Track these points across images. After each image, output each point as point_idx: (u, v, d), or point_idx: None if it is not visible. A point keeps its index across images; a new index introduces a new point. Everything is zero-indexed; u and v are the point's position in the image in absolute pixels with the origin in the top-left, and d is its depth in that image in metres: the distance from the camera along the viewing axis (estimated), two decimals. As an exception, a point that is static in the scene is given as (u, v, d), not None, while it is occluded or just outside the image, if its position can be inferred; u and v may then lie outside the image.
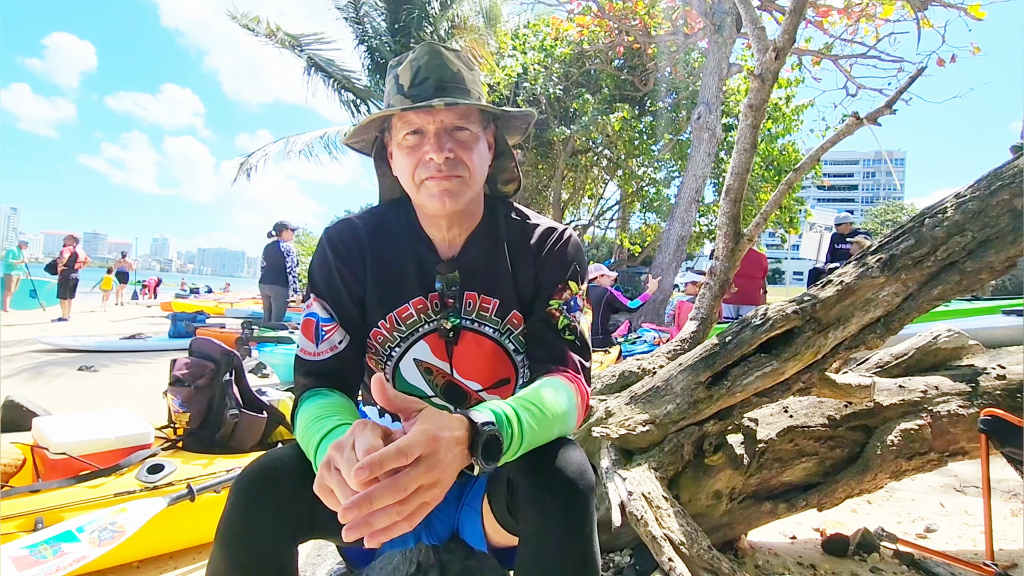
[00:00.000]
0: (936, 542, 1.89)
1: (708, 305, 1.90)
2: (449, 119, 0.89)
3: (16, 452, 1.81)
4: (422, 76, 0.90)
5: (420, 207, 0.96)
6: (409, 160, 0.90)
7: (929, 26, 6.72)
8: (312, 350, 0.92)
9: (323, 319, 0.93)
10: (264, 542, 0.78)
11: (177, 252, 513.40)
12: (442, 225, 0.97)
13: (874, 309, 1.37)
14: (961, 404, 1.64)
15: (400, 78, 0.92)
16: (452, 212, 0.92)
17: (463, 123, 0.90)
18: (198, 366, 2.07)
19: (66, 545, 1.31)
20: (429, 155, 0.87)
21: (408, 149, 0.90)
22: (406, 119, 0.89)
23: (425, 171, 0.89)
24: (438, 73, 0.90)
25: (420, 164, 0.89)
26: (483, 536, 0.97)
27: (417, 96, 0.89)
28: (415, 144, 0.89)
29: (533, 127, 1.01)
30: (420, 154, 0.89)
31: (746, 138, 1.77)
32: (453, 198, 0.89)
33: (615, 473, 1.35)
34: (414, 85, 0.90)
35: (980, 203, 1.33)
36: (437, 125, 0.88)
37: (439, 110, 0.87)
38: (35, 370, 5.02)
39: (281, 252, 6.26)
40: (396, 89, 0.92)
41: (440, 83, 0.89)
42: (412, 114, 0.88)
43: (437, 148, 0.87)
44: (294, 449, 0.85)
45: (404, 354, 0.99)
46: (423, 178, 0.89)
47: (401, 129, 0.90)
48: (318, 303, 0.95)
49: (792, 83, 10.23)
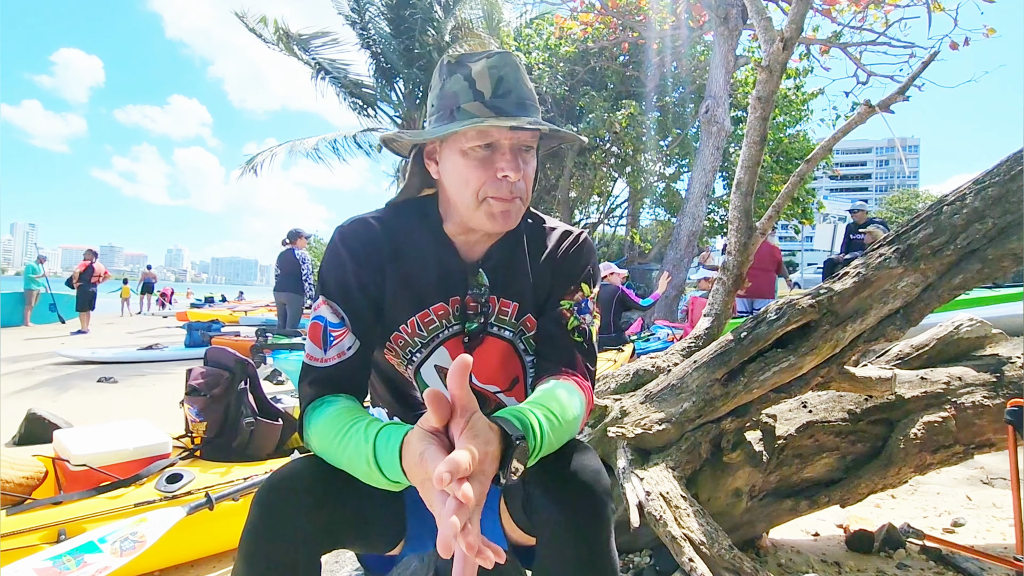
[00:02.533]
0: (964, 536, 1.85)
1: (722, 300, 1.88)
2: (524, 138, 0.87)
3: (38, 465, 1.84)
4: (505, 88, 0.86)
5: (464, 219, 0.92)
6: (477, 174, 0.86)
7: (940, 10, 6.61)
8: (320, 356, 0.90)
9: (332, 323, 0.91)
10: (285, 553, 0.78)
11: (191, 262, 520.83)
12: (474, 234, 0.95)
13: (893, 300, 1.34)
14: (986, 395, 1.60)
15: (478, 83, 0.86)
16: (504, 231, 0.91)
17: (532, 143, 0.88)
18: (213, 375, 2.08)
19: (89, 556, 1.32)
20: (503, 173, 0.85)
21: (478, 162, 0.86)
22: (483, 130, 0.85)
23: (494, 189, 0.86)
24: (519, 88, 0.87)
25: (490, 181, 0.86)
26: (502, 535, 0.97)
27: (500, 109, 0.85)
28: (486, 158, 0.86)
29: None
30: (492, 170, 0.86)
31: (755, 131, 1.74)
32: (511, 220, 0.88)
33: (632, 473, 1.34)
34: (496, 96, 0.86)
35: (1000, 188, 1.30)
36: (513, 142, 0.86)
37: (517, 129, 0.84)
38: (56, 383, 5.10)
39: (296, 260, 6.31)
40: (473, 95, 0.86)
41: (521, 99, 0.87)
42: (492, 128, 0.85)
43: (515, 167, 0.85)
44: (313, 460, 0.84)
45: (425, 360, 0.98)
46: (489, 195, 0.86)
47: (474, 139, 0.85)
48: (327, 306, 0.91)
49: (801, 73, 10.11)
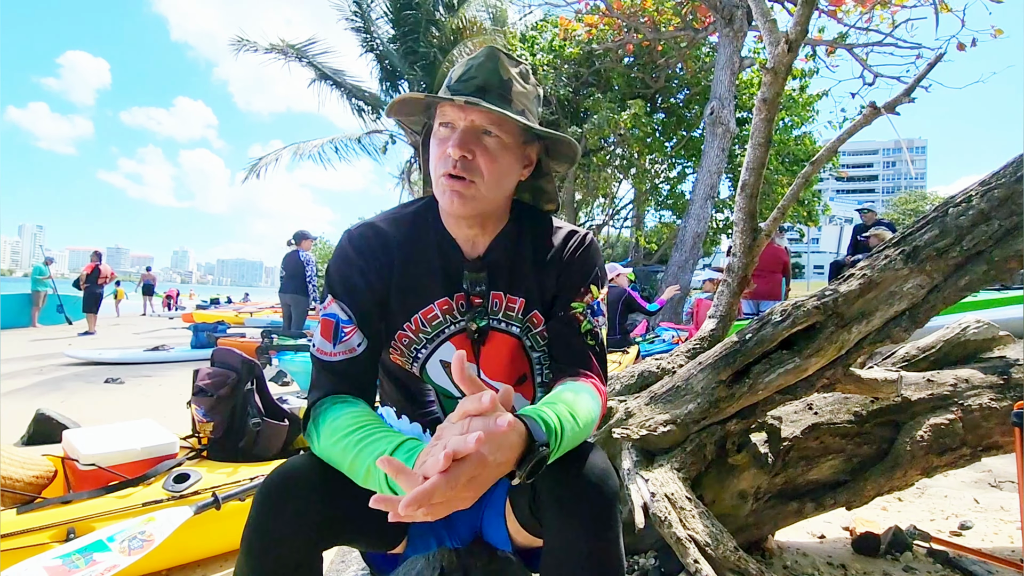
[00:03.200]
0: (971, 539, 1.84)
1: (727, 302, 1.88)
2: (480, 121, 0.88)
3: (48, 464, 1.86)
4: (470, 75, 0.90)
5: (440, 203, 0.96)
6: (435, 152, 0.91)
7: (947, 11, 6.58)
8: (328, 350, 0.91)
9: (343, 320, 0.92)
10: (288, 549, 0.79)
11: (197, 264, 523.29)
12: (464, 225, 0.96)
13: (899, 302, 1.34)
14: (993, 397, 1.60)
15: (453, 72, 0.92)
16: (462, 214, 0.92)
17: (494, 129, 0.88)
18: (220, 376, 2.10)
19: (97, 554, 1.33)
20: (447, 148, 0.87)
21: (438, 141, 0.90)
22: (442, 110, 0.89)
23: (442, 166, 0.88)
24: (486, 76, 0.89)
25: (441, 158, 0.89)
26: (507, 537, 0.97)
27: (457, 92, 0.88)
28: (444, 137, 0.89)
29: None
30: (444, 148, 0.88)
31: (760, 132, 1.74)
32: (461, 201, 0.88)
33: (637, 474, 1.34)
34: (460, 80, 0.90)
35: (1006, 190, 1.29)
36: (467, 123, 0.88)
37: (471, 109, 0.86)
38: (63, 383, 5.14)
39: (301, 261, 6.34)
40: (446, 81, 0.92)
41: (485, 85, 0.89)
42: (448, 107, 0.88)
43: (456, 144, 0.87)
44: (314, 456, 0.85)
45: (430, 356, 0.99)
46: (440, 173, 0.89)
47: (437, 119, 0.91)
48: (336, 304, 0.93)
49: (807, 74, 10.08)
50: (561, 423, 0.77)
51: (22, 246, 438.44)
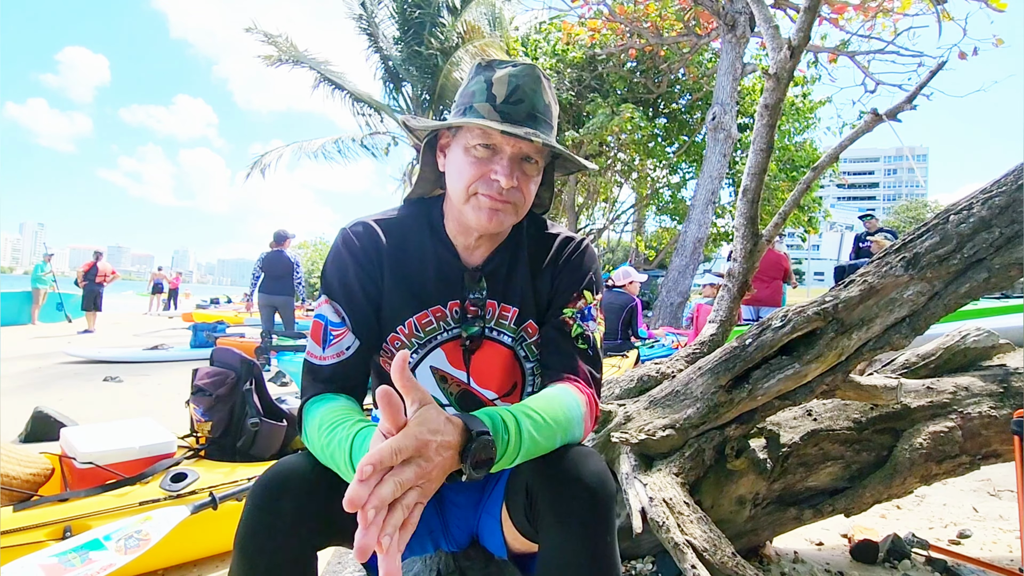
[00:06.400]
0: (970, 548, 1.83)
1: (727, 307, 1.88)
2: (528, 149, 0.88)
3: (45, 462, 1.85)
4: (517, 97, 0.88)
5: (458, 214, 0.94)
6: (472, 171, 0.88)
7: (949, 19, 6.60)
8: (318, 354, 0.92)
9: (332, 323, 0.92)
10: (281, 548, 0.78)
11: (197, 263, 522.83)
12: (472, 235, 0.96)
13: (899, 309, 1.33)
14: (993, 405, 1.59)
15: (494, 87, 0.89)
16: (494, 232, 0.93)
17: (534, 155, 0.89)
18: (219, 375, 2.10)
19: (94, 553, 1.33)
20: (496, 177, 0.87)
21: (475, 160, 0.88)
22: (485, 130, 0.87)
23: (485, 187, 0.88)
24: (533, 99, 0.89)
25: (482, 179, 0.88)
26: (503, 543, 0.97)
27: (508, 115, 0.87)
28: (484, 157, 0.88)
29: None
30: (486, 170, 0.88)
31: (762, 138, 1.75)
32: (498, 221, 0.89)
33: (635, 479, 1.33)
34: (507, 102, 0.88)
35: (1007, 198, 1.29)
36: (514, 150, 0.88)
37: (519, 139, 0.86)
38: (62, 381, 5.13)
39: (291, 262, 6.37)
40: (486, 97, 0.89)
41: (533, 111, 0.89)
42: (491, 130, 0.87)
43: (507, 174, 0.86)
44: (308, 456, 0.85)
45: (420, 361, 0.98)
46: (479, 192, 0.88)
47: (476, 137, 0.88)
48: (329, 305, 0.93)
49: (809, 81, 10.10)
50: (514, 417, 0.76)
51: (23, 243, 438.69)
